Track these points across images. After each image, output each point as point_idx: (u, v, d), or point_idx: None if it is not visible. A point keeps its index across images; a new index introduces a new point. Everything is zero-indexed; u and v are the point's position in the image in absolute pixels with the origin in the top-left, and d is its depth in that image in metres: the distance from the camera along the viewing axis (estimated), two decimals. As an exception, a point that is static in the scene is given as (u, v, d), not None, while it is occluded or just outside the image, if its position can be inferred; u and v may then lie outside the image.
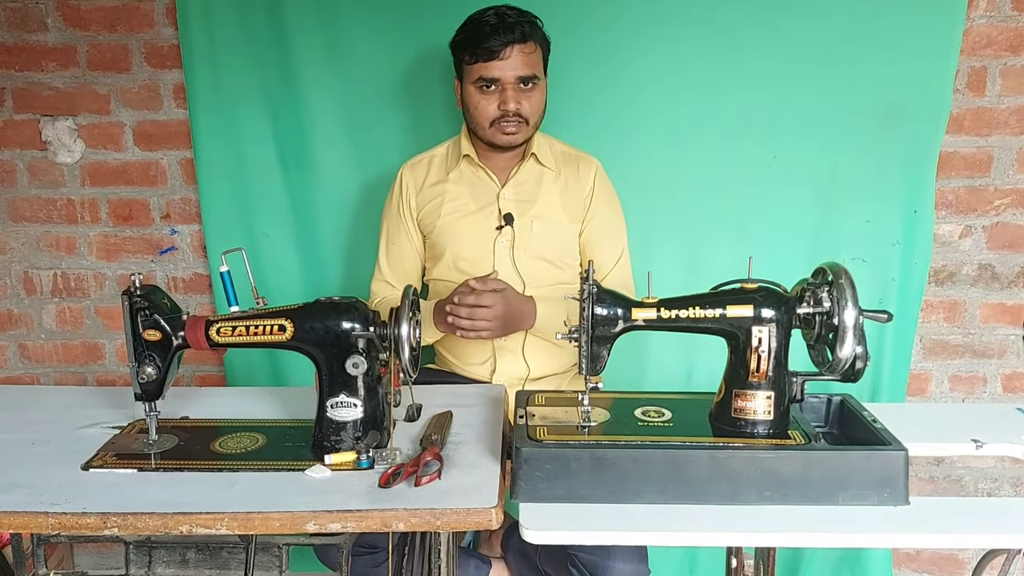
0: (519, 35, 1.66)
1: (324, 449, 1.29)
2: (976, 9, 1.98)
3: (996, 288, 2.16)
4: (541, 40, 1.72)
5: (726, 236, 2.08)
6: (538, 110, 1.74)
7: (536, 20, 1.72)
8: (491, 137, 1.74)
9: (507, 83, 1.68)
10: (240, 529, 1.14)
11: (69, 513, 1.13)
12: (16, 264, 2.29)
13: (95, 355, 2.35)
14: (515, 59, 1.67)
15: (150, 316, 1.29)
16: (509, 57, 1.66)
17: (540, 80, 1.72)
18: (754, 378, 1.26)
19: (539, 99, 1.73)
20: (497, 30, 1.65)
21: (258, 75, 2.07)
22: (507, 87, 1.68)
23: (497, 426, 1.41)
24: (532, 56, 1.69)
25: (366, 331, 1.27)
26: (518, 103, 1.69)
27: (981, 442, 1.38)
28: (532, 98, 1.71)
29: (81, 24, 2.12)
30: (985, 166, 2.08)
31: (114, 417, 1.46)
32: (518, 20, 1.67)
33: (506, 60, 1.66)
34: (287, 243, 2.16)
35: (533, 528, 1.14)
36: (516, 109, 1.69)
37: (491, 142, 1.75)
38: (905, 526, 1.15)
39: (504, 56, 1.66)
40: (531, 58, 1.69)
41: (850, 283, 1.20)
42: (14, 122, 2.19)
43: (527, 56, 1.68)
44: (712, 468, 1.20)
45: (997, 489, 2.29)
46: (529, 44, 1.68)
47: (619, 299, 1.29)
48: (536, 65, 1.71)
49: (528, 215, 1.79)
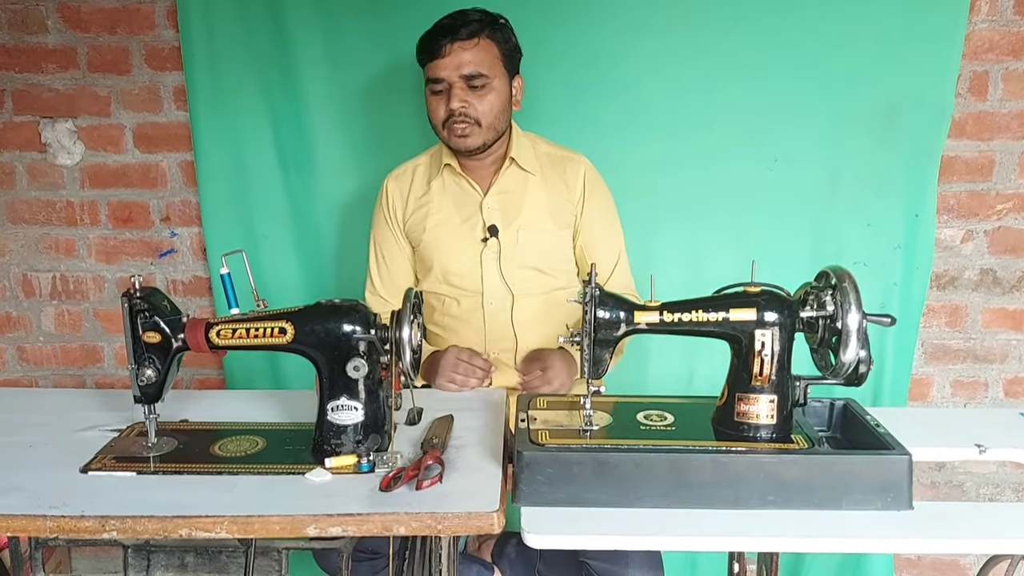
0: (465, 33, 1.62)
1: (324, 452, 1.28)
2: (978, 13, 1.98)
3: (998, 293, 2.15)
4: (498, 39, 1.66)
5: (728, 240, 2.07)
6: (491, 111, 1.66)
7: (498, 20, 1.67)
8: (447, 140, 1.70)
9: (452, 82, 1.64)
10: (239, 533, 1.13)
11: (67, 516, 1.12)
12: (15, 266, 2.28)
13: (94, 358, 2.34)
14: (456, 56, 1.62)
15: (150, 318, 1.28)
16: (449, 55, 1.62)
17: (490, 79, 1.65)
18: (757, 382, 1.25)
19: (492, 100, 1.66)
20: (443, 29, 1.63)
21: (258, 77, 2.07)
22: (453, 86, 1.64)
23: (498, 430, 1.41)
24: (478, 54, 1.63)
25: (367, 334, 1.26)
26: (463, 102, 1.64)
27: (984, 447, 1.37)
28: (483, 99, 1.65)
29: (81, 26, 2.11)
30: (987, 170, 2.08)
31: (113, 420, 1.45)
32: (467, 20, 1.63)
33: (447, 58, 1.62)
34: (287, 245, 2.15)
35: (536, 533, 1.13)
36: (461, 108, 1.64)
37: (448, 146, 1.72)
38: (908, 531, 1.15)
39: (445, 53, 1.62)
40: (477, 55, 1.63)
41: (854, 287, 1.19)
42: (13, 124, 2.18)
43: (470, 53, 1.63)
44: (715, 472, 1.19)
45: (999, 494, 2.29)
46: (473, 41, 1.63)
47: (621, 302, 1.29)
48: (484, 64, 1.64)
49: (513, 225, 1.75)
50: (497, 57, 1.67)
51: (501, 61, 1.68)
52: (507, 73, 1.70)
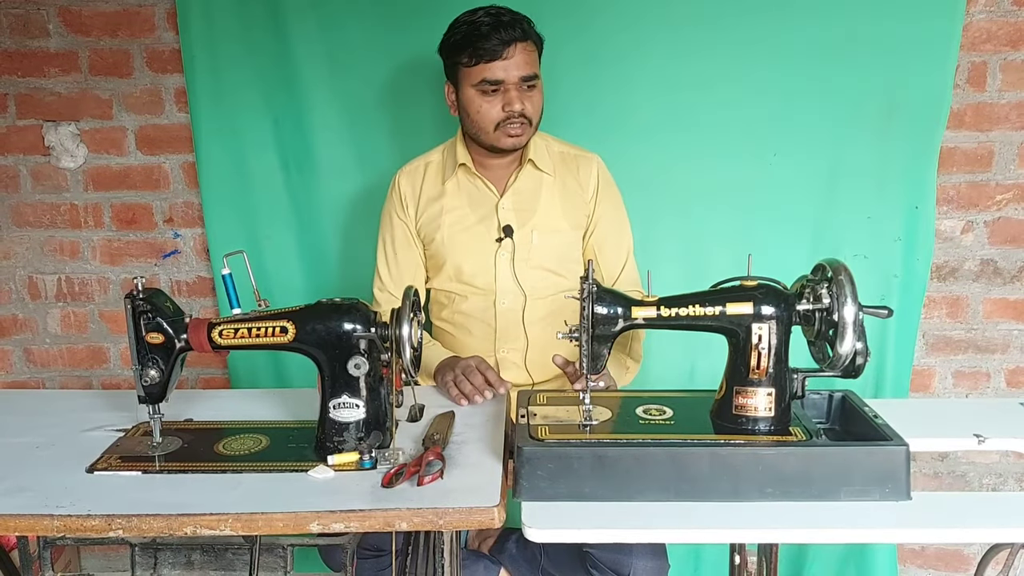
0: (520, 33, 1.63)
1: (327, 450, 1.29)
2: (976, 4, 1.98)
3: (998, 283, 2.15)
4: (537, 38, 1.69)
5: (727, 234, 2.08)
6: (540, 110, 1.71)
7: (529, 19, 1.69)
8: (495, 141, 1.70)
9: (511, 84, 1.64)
10: (244, 530, 1.14)
11: (74, 516, 1.14)
12: (20, 269, 2.30)
13: (100, 359, 2.36)
14: (518, 58, 1.63)
15: (153, 319, 1.30)
16: (512, 56, 1.63)
17: (540, 79, 1.69)
18: (755, 375, 1.26)
19: (539, 99, 1.71)
20: (497, 29, 1.62)
21: (259, 78, 2.08)
22: (511, 88, 1.65)
23: (499, 426, 1.42)
24: (533, 55, 1.67)
25: (367, 332, 1.27)
26: (523, 104, 1.66)
27: (984, 437, 1.37)
28: (534, 98, 1.69)
29: (83, 30, 2.13)
30: (986, 161, 2.08)
31: (118, 420, 1.47)
32: (514, 19, 1.64)
33: (510, 60, 1.63)
34: (289, 245, 2.17)
35: (536, 527, 1.14)
36: (521, 110, 1.66)
37: (495, 146, 1.71)
38: (908, 521, 1.15)
39: (507, 56, 1.62)
40: (532, 56, 1.67)
41: (849, 279, 1.20)
42: (17, 128, 2.20)
43: (529, 55, 1.65)
44: (714, 465, 1.20)
45: (1001, 484, 2.29)
46: (528, 42, 1.65)
47: (619, 298, 1.29)
48: (536, 64, 1.68)
49: (528, 225, 1.76)
50: (538, 57, 1.70)
51: (539, 61, 1.71)
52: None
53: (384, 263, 1.85)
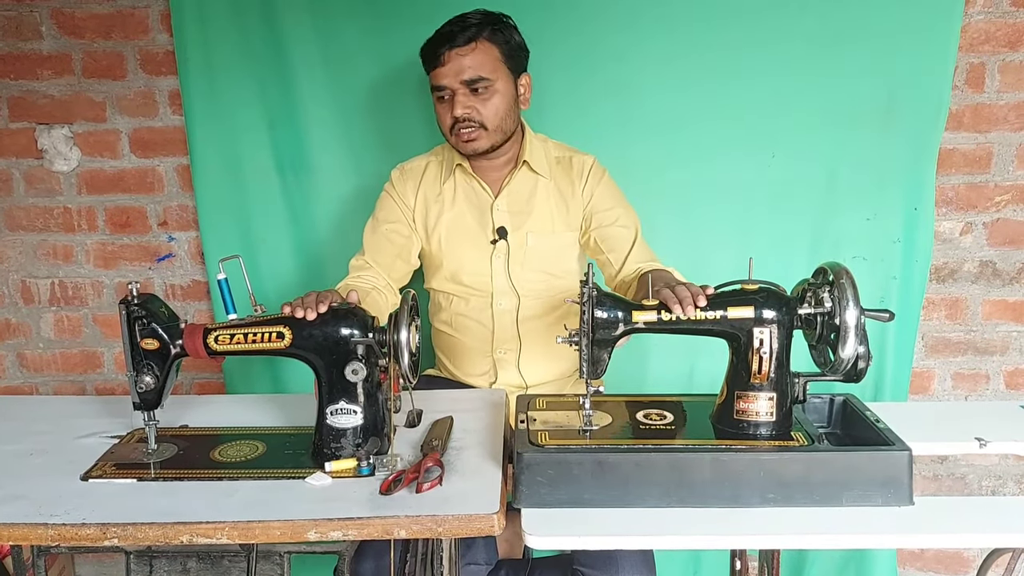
0: (462, 39, 1.62)
1: (324, 456, 1.28)
2: (974, 5, 1.98)
3: (998, 284, 2.15)
4: (498, 40, 1.66)
5: (726, 237, 2.07)
6: (496, 114, 1.67)
7: (499, 20, 1.66)
8: (456, 145, 1.71)
9: (454, 89, 1.64)
10: (240, 538, 1.13)
11: (68, 524, 1.12)
12: (13, 273, 2.28)
13: (94, 363, 2.34)
14: (455, 63, 1.63)
15: (148, 325, 1.28)
16: (448, 62, 1.63)
17: (492, 82, 1.65)
18: (756, 380, 1.25)
19: (497, 102, 1.66)
20: (441, 37, 1.63)
21: (254, 81, 2.06)
22: (455, 92, 1.64)
23: (498, 431, 1.41)
24: (477, 58, 1.63)
25: (365, 337, 1.26)
26: (467, 108, 1.64)
27: (985, 440, 1.37)
28: (487, 102, 1.65)
29: (76, 32, 2.11)
30: (985, 162, 2.08)
31: (113, 426, 1.45)
32: (465, 25, 1.63)
33: (446, 65, 1.63)
34: (285, 249, 2.15)
35: (536, 534, 1.13)
36: (465, 115, 1.65)
37: (457, 150, 1.72)
38: (909, 526, 1.15)
39: (444, 61, 1.63)
40: (476, 59, 1.63)
41: (851, 283, 1.19)
42: (10, 131, 2.18)
43: (469, 58, 1.63)
44: (715, 471, 1.19)
45: (1001, 486, 2.28)
46: (470, 46, 1.63)
47: (619, 302, 1.29)
48: (484, 67, 1.64)
49: (523, 228, 1.76)
50: (498, 58, 1.66)
51: (503, 61, 1.67)
52: (511, 73, 1.69)
53: (369, 234, 1.82)
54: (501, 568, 1.76)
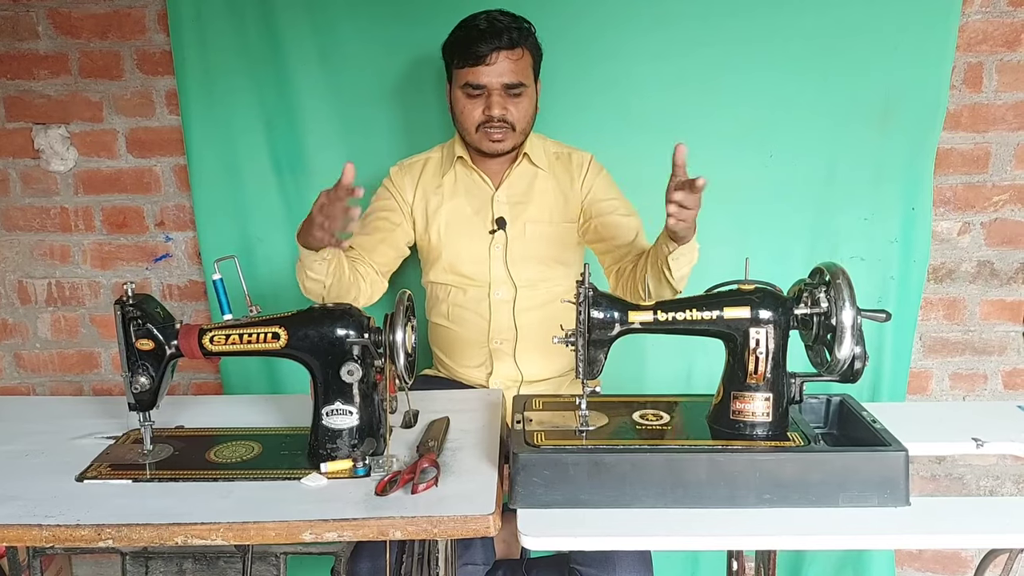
0: (506, 41, 1.65)
1: (320, 457, 1.28)
2: (972, 5, 1.98)
3: (995, 285, 2.15)
4: (532, 46, 1.72)
5: (723, 237, 2.05)
6: (525, 117, 1.73)
7: (528, 26, 1.70)
8: (477, 143, 1.74)
9: (493, 89, 1.68)
10: (236, 539, 1.12)
11: (63, 525, 1.12)
12: (10, 273, 2.28)
13: (91, 364, 2.34)
14: (501, 65, 1.66)
15: (143, 326, 1.28)
16: (495, 63, 1.66)
17: (527, 87, 1.71)
18: (752, 380, 1.25)
19: (526, 106, 1.73)
20: (485, 35, 1.65)
21: (251, 80, 2.06)
22: (492, 93, 1.68)
23: (494, 432, 1.40)
24: (519, 63, 1.68)
25: (361, 338, 1.26)
26: (503, 109, 1.69)
27: (982, 441, 1.37)
28: (519, 105, 1.71)
29: (72, 32, 2.11)
30: (983, 162, 2.07)
31: (109, 427, 1.45)
32: (508, 26, 1.66)
33: (492, 66, 1.66)
34: (281, 249, 2.14)
35: (532, 535, 1.13)
36: (501, 115, 1.69)
37: (478, 148, 1.75)
38: (906, 527, 1.14)
39: (491, 62, 1.65)
40: (518, 65, 1.68)
41: (847, 283, 1.19)
42: (6, 131, 2.18)
43: (514, 63, 1.67)
44: (711, 471, 1.19)
45: (999, 487, 2.28)
46: (517, 51, 1.67)
47: (615, 302, 1.28)
48: (523, 72, 1.69)
49: (522, 218, 1.79)
50: (531, 65, 1.72)
51: (533, 68, 1.73)
52: (536, 79, 1.76)
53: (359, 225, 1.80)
54: (499, 568, 1.75)
